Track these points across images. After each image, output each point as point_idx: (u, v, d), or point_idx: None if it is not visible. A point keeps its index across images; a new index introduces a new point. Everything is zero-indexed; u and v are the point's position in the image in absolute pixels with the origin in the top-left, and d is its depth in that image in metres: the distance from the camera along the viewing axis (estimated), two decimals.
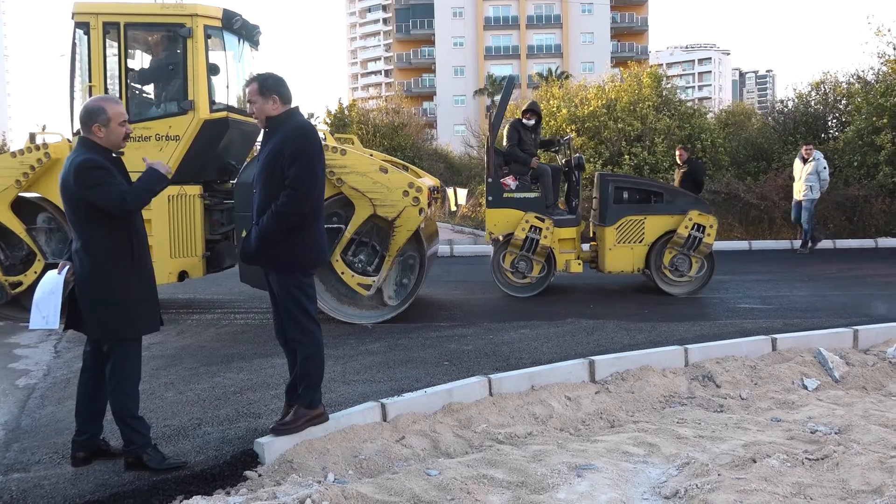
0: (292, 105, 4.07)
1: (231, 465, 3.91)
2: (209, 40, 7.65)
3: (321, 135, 7.53)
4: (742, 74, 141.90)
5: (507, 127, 9.32)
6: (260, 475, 3.83)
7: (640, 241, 8.68)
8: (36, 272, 7.75)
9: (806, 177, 12.40)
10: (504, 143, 9.25)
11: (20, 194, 7.75)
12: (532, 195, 8.78)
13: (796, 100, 18.02)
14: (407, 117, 26.50)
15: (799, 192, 12.53)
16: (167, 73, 7.85)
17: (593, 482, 3.61)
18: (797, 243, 12.94)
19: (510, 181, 8.84)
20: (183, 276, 7.79)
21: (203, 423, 4.51)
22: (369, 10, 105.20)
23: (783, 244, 13.79)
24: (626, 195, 8.80)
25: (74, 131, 7.84)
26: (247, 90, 4.05)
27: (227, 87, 8.05)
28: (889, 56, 15.82)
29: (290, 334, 4.01)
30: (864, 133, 14.87)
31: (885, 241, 13.57)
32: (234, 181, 7.84)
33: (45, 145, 7.70)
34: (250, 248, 3.98)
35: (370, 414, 4.45)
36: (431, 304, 8.54)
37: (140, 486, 3.66)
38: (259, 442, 4.02)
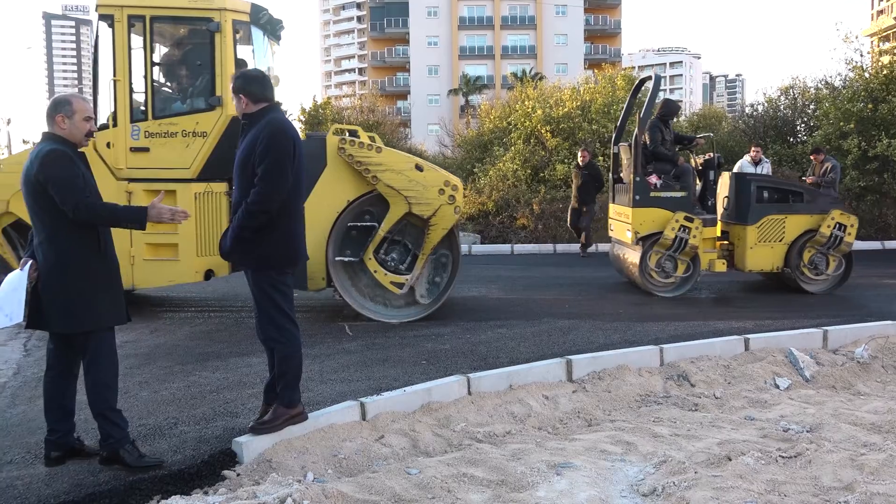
0: (270, 103, 4.03)
1: (209, 464, 3.87)
2: (237, 35, 7.49)
3: (355, 131, 7.44)
4: (712, 78, 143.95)
5: (648, 126, 9.20)
6: (238, 475, 3.80)
7: (781, 240, 8.81)
8: None
9: None
10: (647, 142, 9.04)
11: None
12: (679, 194, 8.77)
13: (766, 104, 18.31)
14: (381, 116, 26.41)
15: None
16: (194, 68, 7.69)
17: (572, 480, 3.64)
18: None
19: (654, 180, 8.82)
20: (209, 274, 7.57)
21: (179, 423, 4.46)
22: (343, 7, 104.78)
23: None
24: (766, 194, 8.93)
25: (99, 127, 7.60)
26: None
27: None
28: (856, 62, 16.15)
29: (267, 333, 3.98)
30: (831, 138, 15.15)
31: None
32: None
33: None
34: (225, 245, 3.95)
35: (349, 413, 4.44)
36: None
37: (116, 486, 3.61)
38: (237, 441, 3.99)
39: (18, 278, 3.71)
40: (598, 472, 3.77)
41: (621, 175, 9.54)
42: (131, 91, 7.35)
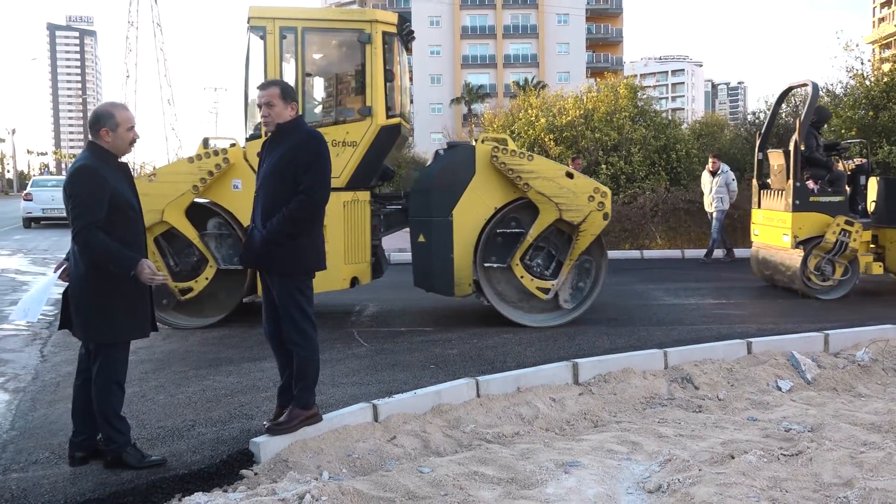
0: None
1: (227, 464, 4.00)
2: (385, 46, 7.59)
3: (504, 140, 7.63)
4: (714, 86, 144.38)
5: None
6: (256, 474, 3.92)
7: None
8: (207, 278, 7.56)
9: (716, 189, 12.82)
10: (802, 148, 9.23)
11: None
12: (837, 199, 9.02)
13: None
14: None
15: (710, 204, 12.97)
16: (345, 78, 7.83)
17: (580, 478, 3.76)
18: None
19: (812, 185, 9.06)
20: (354, 282, 7.65)
21: (197, 425, 4.59)
22: None
23: None
24: None
25: (249, 136, 7.72)
26: (261, 93, 4.08)
27: (398, 93, 8.01)
28: (857, 70, 16.29)
29: (289, 337, 4.10)
30: None
31: None
32: (409, 188, 7.92)
33: (224, 150, 7.53)
34: (256, 250, 4.07)
35: (362, 414, 4.56)
36: (415, 309, 8.66)
37: (139, 484, 3.73)
38: (255, 441, 4.11)
39: (48, 279, 3.89)
40: (605, 471, 3.88)
41: (768, 181, 9.80)
42: None
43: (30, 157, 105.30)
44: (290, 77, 7.49)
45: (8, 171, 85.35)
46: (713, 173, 12.95)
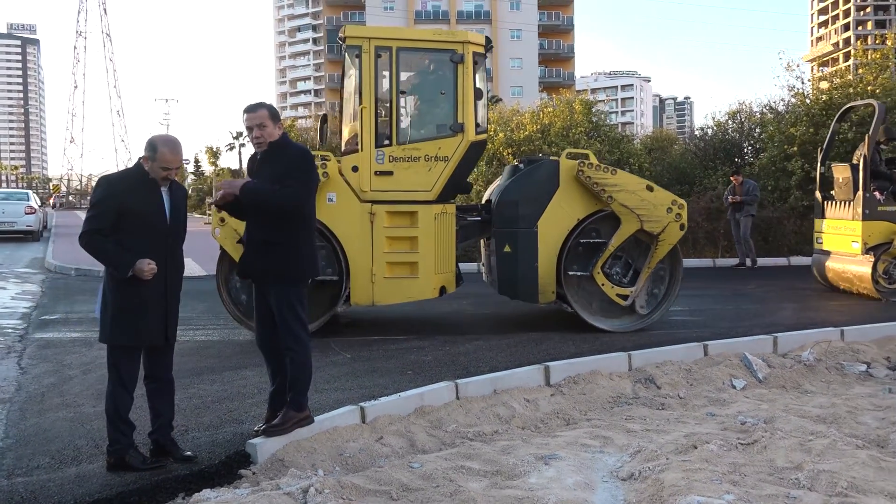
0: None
1: (226, 464, 4.20)
2: (475, 65, 7.84)
3: (586, 155, 7.96)
4: (662, 101, 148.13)
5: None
6: (254, 473, 4.14)
7: None
8: None
9: None
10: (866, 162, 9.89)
11: None
12: None
13: (715, 128, 19.27)
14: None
15: None
16: (437, 96, 8.06)
17: (559, 469, 4.08)
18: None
19: (878, 196, 9.70)
20: (443, 291, 7.83)
21: (190, 430, 4.77)
22: (299, 29, 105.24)
23: (706, 262, 14.78)
24: None
25: (344, 151, 7.86)
26: (251, 116, 4.29)
27: (483, 109, 8.24)
28: (798, 89, 17.18)
29: (285, 342, 4.34)
30: (776, 160, 16.05)
31: (797, 259, 14.69)
32: (493, 199, 8.17)
33: (324, 165, 7.51)
34: (253, 259, 4.33)
35: (350, 416, 4.82)
36: (386, 319, 8.91)
37: (143, 485, 3.91)
38: (251, 443, 4.33)
39: (100, 286, 4.28)
40: (581, 462, 4.22)
41: (831, 192, 10.54)
42: (377, 118, 7.61)
43: None
44: (384, 94, 7.75)
45: None
46: None
